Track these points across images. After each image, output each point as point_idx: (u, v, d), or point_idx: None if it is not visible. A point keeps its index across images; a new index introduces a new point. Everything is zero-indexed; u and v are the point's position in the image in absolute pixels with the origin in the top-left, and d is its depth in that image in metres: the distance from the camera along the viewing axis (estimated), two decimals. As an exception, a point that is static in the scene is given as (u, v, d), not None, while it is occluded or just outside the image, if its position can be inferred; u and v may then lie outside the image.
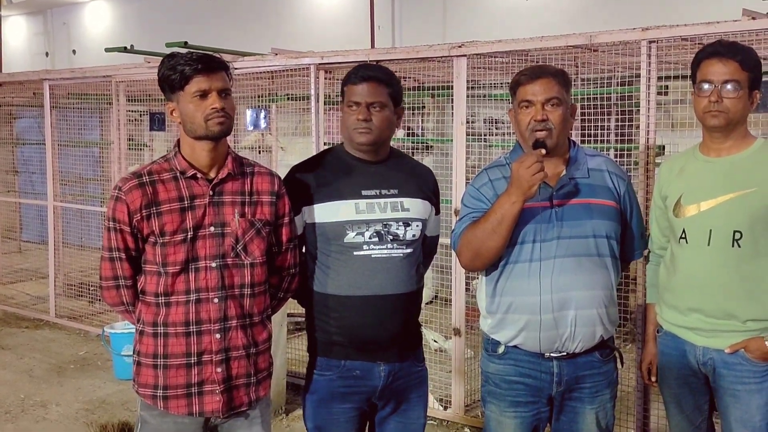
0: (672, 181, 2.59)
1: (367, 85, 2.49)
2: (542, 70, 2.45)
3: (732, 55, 2.39)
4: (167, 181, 2.30)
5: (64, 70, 7.06)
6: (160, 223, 2.26)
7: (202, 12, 10.00)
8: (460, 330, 4.36)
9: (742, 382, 2.42)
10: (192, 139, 2.30)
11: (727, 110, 2.39)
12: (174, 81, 2.25)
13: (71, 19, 12.14)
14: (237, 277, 2.34)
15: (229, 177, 2.34)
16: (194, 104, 2.25)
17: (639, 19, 4.53)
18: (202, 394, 2.31)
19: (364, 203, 2.51)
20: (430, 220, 2.67)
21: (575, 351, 2.45)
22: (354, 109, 2.49)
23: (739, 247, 2.39)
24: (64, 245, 6.99)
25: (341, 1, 8.77)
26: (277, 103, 6.58)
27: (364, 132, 2.49)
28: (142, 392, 2.35)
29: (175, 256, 2.27)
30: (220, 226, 2.31)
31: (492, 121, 5.63)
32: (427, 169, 2.77)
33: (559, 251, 2.40)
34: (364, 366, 2.52)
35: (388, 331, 2.52)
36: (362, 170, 2.56)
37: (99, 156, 7.13)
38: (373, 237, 2.49)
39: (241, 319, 2.35)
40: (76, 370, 5.48)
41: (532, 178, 2.28)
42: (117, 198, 2.28)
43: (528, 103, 2.41)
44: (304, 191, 2.53)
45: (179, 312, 2.29)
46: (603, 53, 4.21)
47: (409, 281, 2.55)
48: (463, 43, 4.24)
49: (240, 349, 2.35)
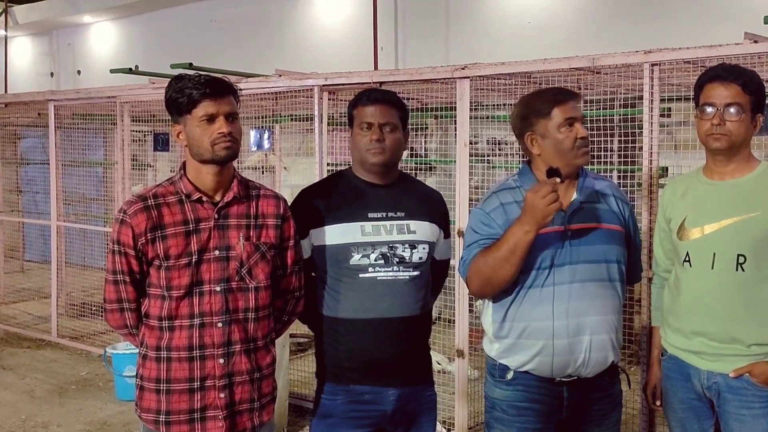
0: (676, 204, 2.58)
1: (380, 107, 2.53)
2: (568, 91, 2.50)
3: (734, 79, 2.39)
4: (172, 204, 2.29)
5: (69, 91, 7.10)
6: (164, 246, 2.25)
7: (206, 33, 10.07)
8: (463, 351, 4.34)
9: (747, 406, 2.40)
10: (198, 162, 2.29)
11: (730, 133, 2.40)
12: (181, 104, 2.25)
13: (76, 39, 12.22)
14: (241, 301, 2.32)
15: (235, 200, 2.33)
16: (201, 128, 2.24)
17: (642, 42, 4.56)
18: (204, 419, 2.29)
19: (370, 225, 2.51)
20: (439, 244, 2.66)
21: (587, 376, 2.43)
22: (366, 131, 2.51)
23: (743, 271, 2.38)
24: (67, 265, 6.99)
25: (345, 22, 8.83)
26: (281, 124, 6.61)
27: (377, 152, 2.51)
28: (145, 417, 2.32)
29: (180, 280, 2.25)
30: (225, 250, 2.30)
31: (495, 142, 5.65)
32: (436, 193, 2.78)
33: (572, 276, 2.39)
34: (373, 390, 2.51)
35: (395, 354, 2.51)
36: (370, 193, 2.56)
37: (103, 176, 7.15)
38: (378, 259, 2.49)
39: (245, 343, 2.33)
40: (78, 391, 5.46)
41: (547, 208, 2.26)
42: (122, 221, 2.27)
43: (573, 120, 2.41)
44: (312, 214, 2.54)
45: (183, 336, 2.27)
46: (606, 75, 4.23)
47: (415, 304, 2.54)
48: (466, 65, 4.26)
49: (244, 374, 2.33)
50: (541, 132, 2.44)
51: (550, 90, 2.54)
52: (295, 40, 9.23)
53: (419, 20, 8.15)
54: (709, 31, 5.52)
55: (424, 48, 7.99)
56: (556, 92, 2.48)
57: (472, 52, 6.93)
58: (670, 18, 6.36)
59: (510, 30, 7.43)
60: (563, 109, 2.41)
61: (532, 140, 2.47)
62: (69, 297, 7.05)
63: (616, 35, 6.47)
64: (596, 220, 2.45)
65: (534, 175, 2.48)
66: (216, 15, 10.07)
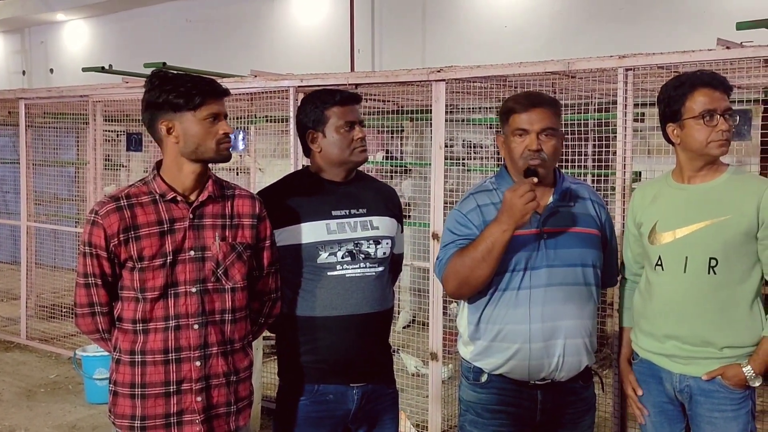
0: (646, 208, 2.60)
1: (357, 106, 2.60)
2: (539, 99, 2.44)
3: (718, 85, 2.42)
4: (146, 204, 2.25)
5: (41, 89, 7.00)
6: (138, 247, 2.21)
7: (181, 33, 9.99)
8: (437, 354, 4.33)
9: (719, 409, 2.42)
10: (188, 160, 2.25)
11: (729, 139, 2.42)
12: (179, 102, 2.20)
13: (49, 38, 12.07)
14: (218, 302, 2.29)
15: (210, 200, 2.30)
16: (205, 127, 2.23)
17: (617, 47, 4.59)
18: (181, 424, 2.25)
19: (334, 223, 2.52)
20: (397, 238, 2.69)
21: (561, 380, 2.43)
22: (349, 130, 2.54)
23: (715, 274, 2.40)
24: (37, 266, 6.89)
25: (321, 24, 8.81)
26: (256, 125, 6.57)
27: (364, 150, 2.57)
28: (119, 423, 2.27)
29: (154, 282, 2.22)
30: (201, 250, 2.27)
31: (470, 145, 5.66)
32: (391, 188, 2.82)
33: (548, 279, 2.39)
34: (337, 389, 2.51)
35: (365, 350, 2.52)
36: (331, 191, 2.58)
37: (75, 176, 7.06)
38: (345, 256, 2.50)
39: (222, 345, 2.30)
40: (47, 394, 5.37)
41: (525, 206, 2.27)
42: (93, 222, 2.22)
43: (522, 132, 2.40)
44: (276, 214, 2.51)
45: (158, 339, 2.23)
46: (581, 80, 4.25)
47: (383, 299, 2.57)
48: (442, 67, 4.25)
49: (221, 376, 2.29)
50: (505, 135, 2.48)
51: (523, 95, 2.53)
52: (271, 41, 9.19)
53: (396, 23, 8.15)
54: (683, 37, 5.57)
55: (401, 51, 7.99)
56: (522, 98, 2.47)
57: (448, 55, 6.93)
58: (645, 24, 6.42)
59: (486, 34, 7.46)
60: (517, 118, 2.41)
61: (501, 142, 2.51)
62: (39, 298, 6.94)
63: (592, 40, 6.51)
64: (572, 223, 2.45)
65: (510, 177, 2.49)
66: (191, 15, 10.00)
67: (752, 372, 2.39)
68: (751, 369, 2.39)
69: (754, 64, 3.43)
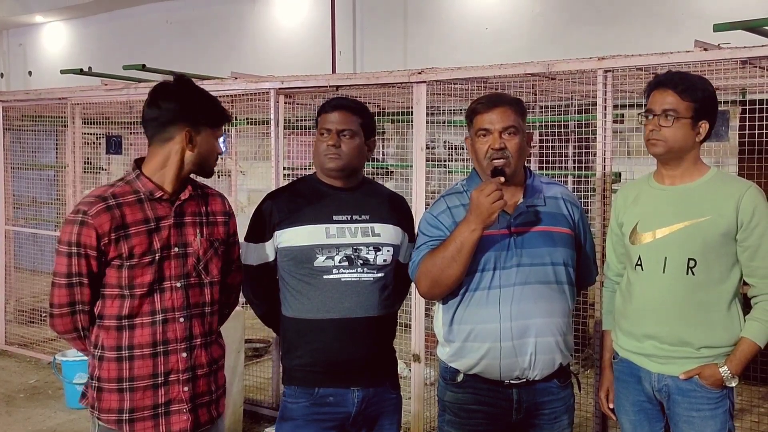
0: (628, 209, 2.62)
1: (339, 114, 2.58)
2: (499, 99, 2.47)
3: (673, 86, 2.44)
4: (132, 203, 2.29)
5: (19, 92, 6.93)
6: (129, 245, 2.26)
7: (162, 35, 9.94)
8: (419, 356, 4.34)
9: (696, 408, 2.44)
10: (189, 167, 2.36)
11: (666, 139, 2.44)
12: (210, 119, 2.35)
13: (28, 40, 11.96)
14: (199, 296, 2.39)
15: (189, 198, 2.39)
16: (213, 145, 2.39)
17: (596, 49, 4.62)
18: (169, 414, 2.32)
19: (334, 228, 2.55)
20: (403, 247, 2.68)
21: (534, 378, 2.44)
22: (325, 137, 2.57)
23: (693, 275, 2.42)
24: (16, 270, 6.81)
25: (302, 26, 8.79)
26: (237, 127, 6.55)
27: (333, 158, 2.56)
28: (105, 418, 2.30)
29: (143, 278, 2.28)
30: (183, 247, 2.35)
31: (452, 147, 5.67)
32: (400, 197, 2.82)
33: (518, 279, 2.40)
34: (337, 392, 2.53)
35: (359, 354, 2.53)
36: (334, 196, 2.61)
37: (54, 179, 6.99)
38: (343, 261, 2.52)
39: (204, 337, 2.40)
40: (26, 399, 5.32)
41: (492, 206, 2.28)
42: (82, 222, 2.23)
43: (485, 132, 2.43)
44: (278, 216, 2.58)
45: (145, 333, 2.29)
46: (560, 81, 4.27)
47: (379, 305, 2.57)
48: (423, 69, 4.26)
49: (204, 366, 2.40)
50: (471, 136, 2.51)
51: (484, 97, 2.54)
52: (252, 43, 9.17)
53: (377, 25, 8.16)
54: (661, 39, 5.63)
55: (382, 53, 8.00)
56: (483, 100, 2.49)
57: (429, 57, 6.95)
58: (623, 26, 6.47)
59: (467, 36, 7.48)
60: (479, 118, 2.44)
61: (468, 143, 2.53)
62: (18, 303, 6.87)
63: (572, 42, 6.55)
64: (542, 222, 2.46)
65: (480, 179, 2.50)
66: (172, 16, 9.95)
67: (729, 372, 2.41)
68: (727, 369, 2.41)
69: (731, 66, 3.47)
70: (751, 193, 2.42)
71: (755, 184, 2.47)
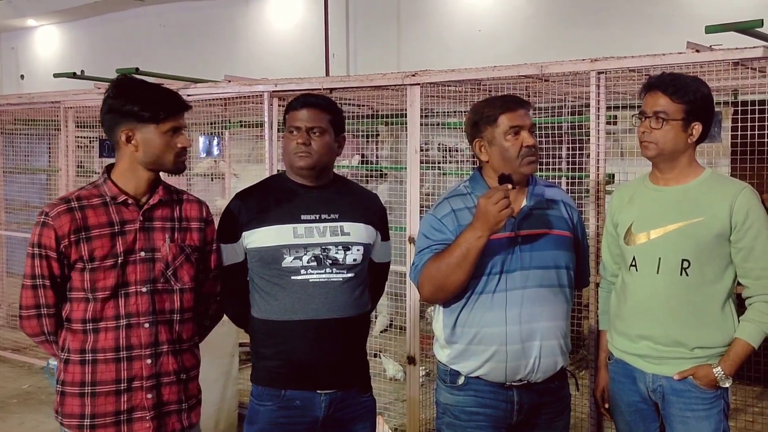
0: (623, 209, 2.62)
1: (308, 111, 2.53)
2: (520, 99, 2.50)
3: (663, 88, 2.44)
4: (97, 206, 2.29)
5: (11, 96, 6.91)
6: (89, 248, 2.24)
7: (155, 38, 9.92)
8: (414, 358, 4.33)
9: (691, 408, 2.44)
10: (143, 167, 2.31)
11: (656, 141, 2.44)
12: (144, 116, 2.26)
13: (20, 44, 11.93)
14: (167, 302, 2.35)
15: (160, 203, 2.36)
16: (165, 140, 2.29)
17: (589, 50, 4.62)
18: (131, 421, 2.29)
19: (302, 227, 2.51)
20: (376, 246, 2.66)
21: (537, 381, 2.45)
22: (294, 134, 2.52)
23: (687, 276, 2.42)
24: (9, 275, 6.79)
25: (296, 28, 8.79)
26: (231, 130, 6.54)
27: (303, 156, 2.51)
28: (67, 423, 2.29)
29: (105, 282, 2.26)
30: (151, 251, 2.32)
31: (446, 149, 5.67)
32: (372, 195, 2.79)
33: (523, 282, 2.40)
34: (303, 395, 2.49)
35: (326, 356, 2.49)
36: (303, 195, 2.56)
37: (47, 183, 6.96)
38: (311, 261, 2.49)
39: (172, 344, 2.35)
40: (20, 405, 5.29)
41: (499, 213, 2.26)
42: (44, 224, 2.25)
43: (518, 128, 2.40)
44: (245, 217, 2.53)
45: (109, 338, 2.27)
46: (554, 83, 4.28)
47: (349, 306, 2.53)
48: (416, 71, 4.26)
49: (171, 374, 2.35)
50: (489, 139, 2.45)
51: (500, 98, 2.55)
52: (246, 46, 9.16)
53: (371, 28, 8.16)
54: (654, 40, 5.63)
55: (376, 55, 8.00)
56: (505, 100, 2.49)
57: (423, 59, 6.96)
58: (617, 28, 6.48)
59: (461, 38, 7.49)
60: (510, 116, 2.41)
61: (481, 147, 2.48)
62: (10, 308, 6.83)
63: (565, 44, 6.56)
64: (546, 226, 2.46)
65: (485, 181, 2.49)
66: (165, 20, 9.94)
67: (722, 373, 2.42)
68: (721, 370, 2.42)
69: (723, 67, 3.48)
70: (745, 194, 2.42)
71: (749, 186, 2.48)
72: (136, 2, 9.98)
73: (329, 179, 2.62)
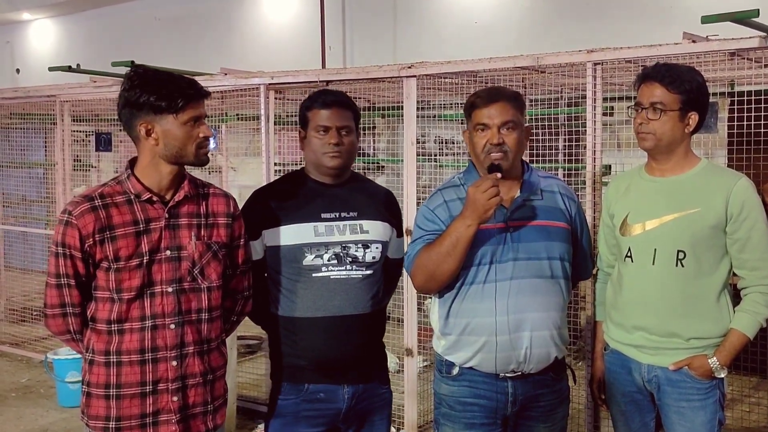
0: (619, 200, 2.62)
1: (336, 110, 2.54)
2: (498, 94, 2.46)
3: (659, 79, 2.44)
4: (121, 204, 2.22)
5: (7, 90, 6.89)
6: (114, 247, 2.19)
7: (150, 31, 9.89)
8: (412, 350, 4.34)
9: (686, 399, 2.45)
10: (165, 161, 2.24)
11: (654, 131, 2.44)
12: (160, 106, 2.18)
13: (15, 37, 11.88)
14: (194, 301, 2.29)
15: (186, 199, 2.29)
16: (185, 131, 2.21)
17: (585, 42, 4.62)
18: (157, 424, 2.24)
19: (323, 226, 2.53)
20: (392, 243, 2.68)
21: (530, 372, 2.45)
22: (323, 134, 2.52)
23: (683, 267, 2.43)
24: (7, 269, 6.79)
25: (292, 21, 8.77)
26: (227, 123, 6.53)
27: (335, 156, 2.53)
28: (93, 425, 2.24)
29: (130, 282, 2.20)
30: (177, 250, 2.26)
31: (442, 141, 5.67)
32: (387, 191, 2.80)
33: (514, 273, 2.41)
34: (328, 389, 2.52)
35: (349, 351, 2.52)
36: (322, 193, 2.58)
37: (43, 177, 6.96)
38: (332, 259, 2.51)
39: (199, 345, 2.30)
40: (18, 398, 5.30)
41: (488, 202, 2.28)
42: (67, 222, 2.19)
43: (484, 126, 2.42)
44: (265, 215, 2.54)
45: (134, 339, 2.22)
46: (550, 74, 4.28)
47: (369, 302, 2.56)
48: (412, 63, 4.26)
49: (197, 376, 2.29)
50: (469, 130, 2.50)
51: (483, 90, 2.54)
52: (242, 38, 9.13)
53: (367, 20, 8.14)
54: (650, 31, 5.62)
55: (372, 47, 7.99)
56: (481, 94, 2.49)
57: (419, 51, 6.95)
58: (612, 19, 6.47)
59: (457, 30, 7.47)
60: (478, 113, 2.44)
61: (466, 137, 2.53)
62: (9, 302, 6.84)
63: (561, 35, 6.56)
64: (539, 216, 2.47)
65: (478, 172, 2.50)
66: (160, 13, 9.90)
67: (718, 363, 2.42)
68: (716, 360, 2.42)
69: (719, 57, 3.48)
70: (741, 185, 2.42)
71: (745, 176, 2.48)
72: (131, -5, 9.96)
73: (348, 176, 2.65)
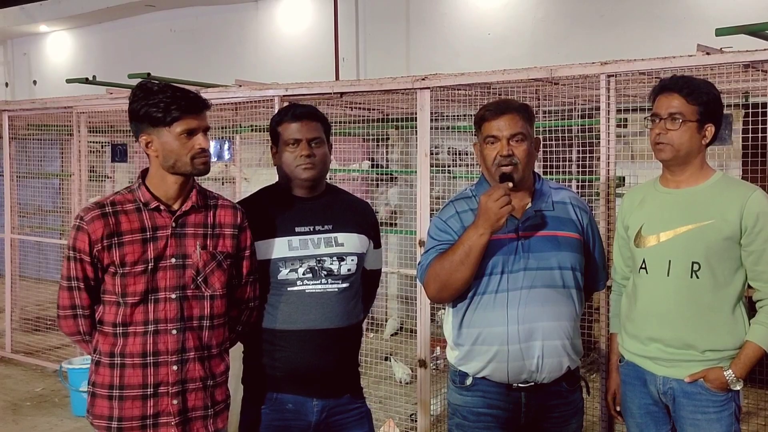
0: (633, 212, 2.62)
1: (306, 122, 2.56)
2: (507, 106, 2.48)
3: (678, 90, 2.44)
4: (130, 212, 2.31)
5: (24, 101, 6.97)
6: (121, 253, 2.27)
7: (166, 44, 9.97)
8: (425, 361, 4.34)
9: (702, 411, 2.44)
10: (167, 172, 2.31)
11: (672, 142, 2.44)
12: (158, 117, 2.25)
13: (32, 49, 12.00)
14: (196, 308, 2.35)
15: (193, 209, 2.36)
16: (180, 142, 2.27)
17: (599, 54, 4.63)
18: (157, 426, 2.31)
19: (297, 240, 2.54)
20: (369, 254, 2.69)
21: (542, 382, 2.45)
22: (294, 147, 2.54)
23: (698, 278, 2.42)
24: (21, 278, 6.83)
25: (306, 33, 8.82)
26: (241, 135, 6.56)
27: (308, 167, 2.54)
28: (97, 424, 2.33)
29: (135, 287, 2.28)
30: (182, 258, 2.33)
31: (456, 153, 5.68)
32: (364, 203, 2.81)
33: (525, 282, 2.42)
34: (297, 400, 2.52)
35: (322, 365, 2.51)
36: (297, 207, 2.59)
37: (59, 187, 7.02)
38: (306, 273, 2.52)
39: (199, 351, 2.36)
40: (33, 408, 5.33)
41: (499, 211, 2.30)
42: (79, 227, 2.29)
43: (494, 139, 2.44)
44: None
45: (137, 343, 2.30)
46: (564, 86, 4.28)
47: (345, 315, 2.56)
48: (426, 75, 4.28)
49: (197, 381, 2.35)
50: (479, 143, 2.52)
51: (492, 103, 2.56)
52: (256, 50, 9.19)
53: (380, 31, 8.17)
54: (664, 43, 5.62)
55: (385, 59, 8.01)
56: (491, 107, 2.50)
57: (432, 63, 6.96)
58: (626, 30, 6.47)
59: (470, 42, 7.49)
60: (488, 125, 2.46)
61: (477, 149, 2.55)
62: (23, 311, 6.89)
63: (574, 47, 6.56)
64: (550, 226, 2.48)
65: (489, 184, 2.51)
66: (175, 25, 9.98)
67: (733, 376, 2.41)
68: (732, 373, 2.41)
69: (734, 69, 3.48)
70: (756, 197, 2.42)
71: (760, 188, 2.47)
72: (147, 8, 10.03)
73: (323, 189, 2.65)
